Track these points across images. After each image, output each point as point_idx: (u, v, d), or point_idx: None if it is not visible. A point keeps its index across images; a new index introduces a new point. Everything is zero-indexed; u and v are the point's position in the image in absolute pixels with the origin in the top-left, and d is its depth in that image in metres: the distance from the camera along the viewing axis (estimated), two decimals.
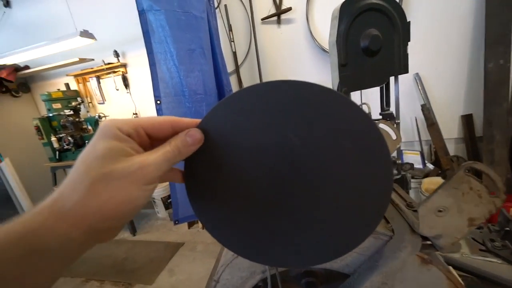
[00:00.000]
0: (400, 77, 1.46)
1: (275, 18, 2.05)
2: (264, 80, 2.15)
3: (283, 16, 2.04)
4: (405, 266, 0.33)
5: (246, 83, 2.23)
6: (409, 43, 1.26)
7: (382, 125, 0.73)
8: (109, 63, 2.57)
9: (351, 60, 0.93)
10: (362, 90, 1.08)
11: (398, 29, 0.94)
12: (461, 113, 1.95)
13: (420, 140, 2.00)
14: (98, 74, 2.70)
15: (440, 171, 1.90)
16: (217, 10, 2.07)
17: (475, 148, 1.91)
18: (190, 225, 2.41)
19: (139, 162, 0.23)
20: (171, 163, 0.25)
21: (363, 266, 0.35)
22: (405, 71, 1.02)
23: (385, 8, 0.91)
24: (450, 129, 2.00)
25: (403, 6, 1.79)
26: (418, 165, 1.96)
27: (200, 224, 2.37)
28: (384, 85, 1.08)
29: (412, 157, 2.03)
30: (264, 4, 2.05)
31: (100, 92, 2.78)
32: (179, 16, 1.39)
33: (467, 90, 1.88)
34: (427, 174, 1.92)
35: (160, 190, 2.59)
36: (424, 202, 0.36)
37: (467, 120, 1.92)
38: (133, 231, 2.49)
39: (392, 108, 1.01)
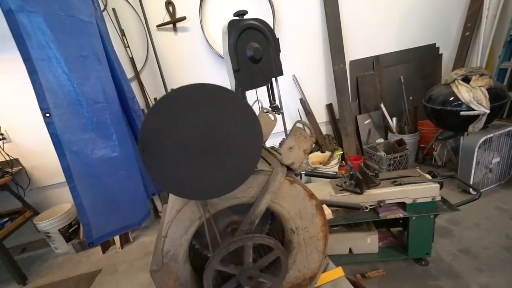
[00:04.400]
0: (284, 77, 1.89)
1: (171, 25, 2.13)
2: (168, 84, 2.20)
3: (178, 24, 2.15)
4: (282, 186, 0.58)
5: (149, 89, 2.21)
6: (287, 52, 1.62)
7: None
8: None
9: (243, 66, 1.19)
10: (256, 89, 1.37)
11: (272, 43, 1.27)
12: (325, 102, 2.66)
13: (303, 125, 2.58)
14: None
15: (319, 147, 2.53)
16: (106, 14, 1.95)
17: (336, 127, 2.66)
18: (105, 248, 2.16)
19: None
20: None
21: (260, 193, 0.57)
22: (280, 74, 1.38)
23: (260, 27, 1.22)
24: (321, 115, 2.69)
25: (278, 25, 2.27)
26: None
27: (118, 244, 2.16)
28: (268, 85, 1.42)
29: None
30: (158, 11, 2.09)
31: None
32: (62, 20, 1.28)
33: (326, 86, 2.59)
34: (311, 151, 2.52)
35: (55, 221, 2.17)
36: (282, 145, 0.62)
37: (329, 108, 2.65)
38: (22, 280, 1.98)
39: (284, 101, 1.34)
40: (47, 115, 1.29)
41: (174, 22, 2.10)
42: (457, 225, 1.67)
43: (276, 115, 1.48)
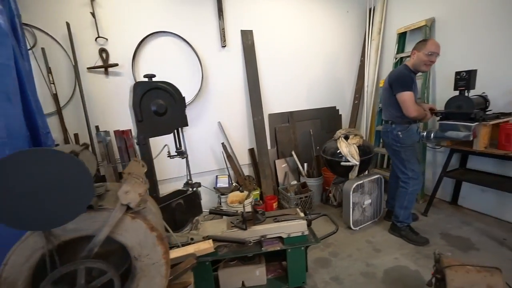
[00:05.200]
0: (209, 122, 2.27)
1: (102, 69, 2.31)
2: (92, 121, 2.27)
3: (111, 69, 2.34)
4: (124, 221, 0.76)
5: (70, 124, 2.24)
6: (214, 101, 1.94)
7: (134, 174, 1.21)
8: None
9: (147, 117, 1.42)
10: (166, 136, 1.58)
11: (177, 101, 1.54)
12: (248, 147, 3.03)
13: (227, 167, 2.85)
14: None
15: (239, 187, 2.80)
16: (37, 50, 2.05)
17: (257, 169, 3.00)
18: None
19: None
20: None
21: (102, 226, 0.74)
22: (185, 125, 1.64)
23: (166, 88, 1.50)
24: (244, 158, 3.02)
25: (206, 78, 2.64)
26: (225, 184, 2.78)
27: None
28: (176, 133, 1.66)
29: (223, 179, 2.84)
30: (91, 55, 2.27)
31: None
32: None
33: (249, 133, 2.99)
34: (233, 190, 2.76)
35: None
36: (119, 189, 0.83)
37: (251, 152, 3.02)
38: None
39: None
40: None
41: (105, 67, 2.29)
42: (336, 256, 2.02)
43: (181, 158, 1.70)
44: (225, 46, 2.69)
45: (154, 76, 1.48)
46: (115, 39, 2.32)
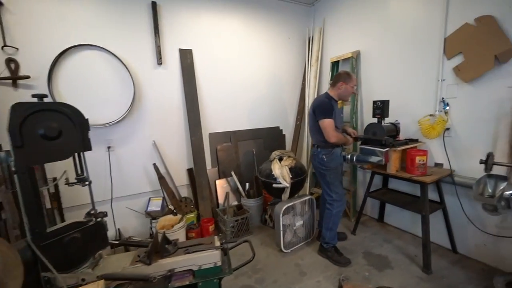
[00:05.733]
0: (143, 141, 2.11)
1: (10, 81, 2.05)
2: None
3: (21, 81, 2.09)
4: None
5: None
6: (147, 120, 1.78)
7: None
8: None
9: (30, 142, 1.25)
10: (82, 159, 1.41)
11: (76, 123, 1.40)
12: (186, 167, 2.91)
13: (162, 189, 2.69)
14: None
15: (173, 210, 2.64)
16: None
17: (195, 190, 2.88)
18: None
19: None
20: None
21: None
22: (89, 149, 1.50)
23: (62, 110, 1.35)
24: (182, 179, 2.90)
25: (140, 96, 2.50)
26: (158, 207, 2.60)
27: None
28: (76, 158, 1.50)
29: (156, 202, 2.66)
30: None
31: None
32: None
33: (187, 152, 2.89)
34: (166, 214, 2.60)
35: None
36: None
37: (190, 172, 2.90)
38: None
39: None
40: None
41: (14, 78, 2.04)
42: (261, 283, 1.97)
43: (81, 186, 1.54)
44: (161, 64, 2.62)
45: (45, 96, 1.33)
46: (28, 50, 2.10)
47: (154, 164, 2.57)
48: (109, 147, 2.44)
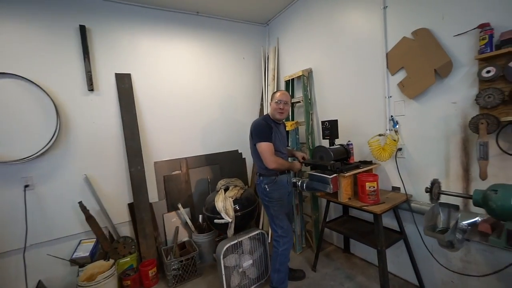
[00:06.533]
0: (72, 176, 2.01)
1: None
2: None
3: None
4: None
5: None
6: (77, 153, 1.51)
7: None
8: None
9: None
10: None
11: None
12: (127, 202, 2.60)
13: (92, 231, 2.35)
14: None
15: (105, 254, 2.29)
16: None
17: (136, 228, 2.55)
18: None
19: None
20: None
21: None
22: None
23: None
24: (123, 215, 2.57)
25: (67, 127, 2.23)
26: (87, 252, 2.25)
27: None
28: None
29: (87, 246, 2.31)
30: None
31: None
32: None
33: (128, 185, 2.59)
34: (97, 259, 2.24)
35: None
36: None
37: (131, 207, 2.59)
38: None
39: None
40: None
41: None
42: None
43: None
44: (92, 90, 2.39)
45: None
46: None
47: (80, 202, 2.24)
48: (26, 186, 2.13)
